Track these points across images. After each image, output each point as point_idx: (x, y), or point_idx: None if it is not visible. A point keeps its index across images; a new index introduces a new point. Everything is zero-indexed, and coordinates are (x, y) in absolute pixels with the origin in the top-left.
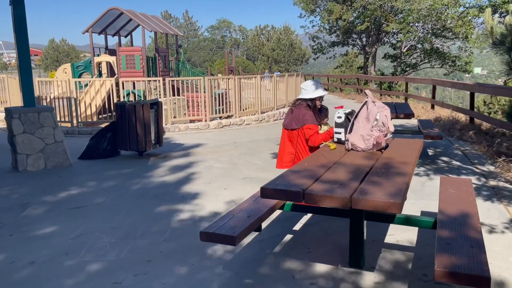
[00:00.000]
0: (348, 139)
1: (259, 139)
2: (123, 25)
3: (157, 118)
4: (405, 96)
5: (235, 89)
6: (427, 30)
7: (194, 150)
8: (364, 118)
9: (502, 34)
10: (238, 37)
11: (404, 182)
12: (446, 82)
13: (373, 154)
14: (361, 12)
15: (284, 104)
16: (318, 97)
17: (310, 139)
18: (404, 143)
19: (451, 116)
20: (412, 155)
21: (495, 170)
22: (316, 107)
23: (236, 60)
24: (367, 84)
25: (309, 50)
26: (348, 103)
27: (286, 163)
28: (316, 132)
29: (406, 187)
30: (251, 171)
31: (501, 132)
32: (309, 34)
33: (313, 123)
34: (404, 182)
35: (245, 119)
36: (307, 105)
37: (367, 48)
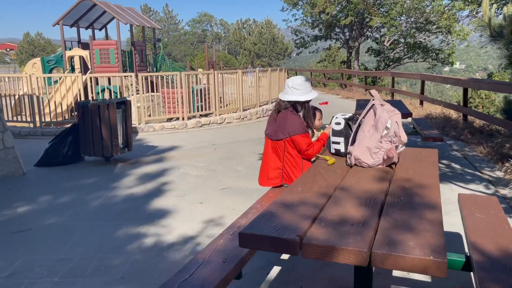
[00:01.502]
0: (350, 152)
1: (241, 139)
2: (97, 17)
3: (125, 119)
4: (391, 92)
5: (215, 85)
6: (411, 24)
7: (169, 153)
8: (371, 126)
9: (501, 26)
10: (220, 31)
11: (439, 222)
12: (436, 77)
13: (384, 171)
14: (345, 6)
15: (268, 101)
16: (310, 100)
17: (306, 152)
18: (416, 155)
19: (442, 113)
20: (433, 173)
21: (504, 176)
22: (309, 111)
23: (217, 54)
24: (351, 79)
25: (291, 45)
26: (332, 99)
27: (273, 180)
28: (310, 142)
29: (443, 230)
30: (231, 179)
31: (495, 129)
32: (292, 28)
33: (305, 131)
34: (439, 221)
35: (225, 117)
36: (295, 109)
37: (350, 43)
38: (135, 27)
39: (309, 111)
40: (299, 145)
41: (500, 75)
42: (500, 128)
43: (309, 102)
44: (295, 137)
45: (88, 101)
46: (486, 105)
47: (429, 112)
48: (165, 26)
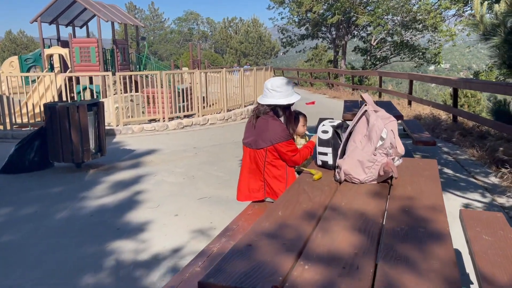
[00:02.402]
0: (339, 166)
1: (224, 142)
2: (77, 14)
3: (97, 121)
4: (379, 91)
5: (198, 84)
6: (397, 22)
7: (146, 158)
8: (364, 136)
9: (493, 24)
10: (206, 30)
11: (451, 260)
12: (425, 77)
13: (378, 189)
14: (332, 4)
15: (253, 101)
16: (292, 103)
17: (293, 159)
18: (413, 167)
19: (431, 114)
20: (435, 190)
21: (500, 183)
22: (292, 116)
23: (204, 53)
24: (338, 78)
25: (278, 43)
26: (319, 98)
27: (255, 193)
28: (296, 148)
29: (457, 271)
30: (211, 187)
31: (485, 130)
32: (278, 27)
33: (288, 137)
34: (450, 259)
35: (209, 118)
36: (275, 114)
37: (337, 41)
38: (118, 25)
39: (291, 116)
40: (284, 154)
41: (486, 74)
42: (491, 130)
43: (291, 106)
44: (278, 145)
45: (56, 103)
46: (472, 104)
47: (418, 113)
48: (151, 25)
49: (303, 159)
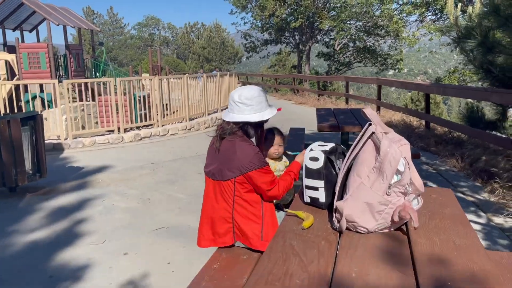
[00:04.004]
0: (339, 210)
1: (186, 155)
2: (25, 17)
3: (35, 138)
4: (345, 97)
5: (156, 91)
6: (360, 27)
7: (95, 177)
8: (373, 168)
9: (468, 27)
10: (168, 35)
11: None
12: (394, 82)
13: (395, 243)
14: (295, 9)
15: (217, 108)
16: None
17: (269, 194)
18: (427, 200)
19: (403, 120)
20: (473, 241)
21: (490, 197)
22: (263, 134)
23: (165, 58)
24: (302, 83)
25: (241, 49)
26: (285, 105)
27: (221, 237)
28: (273, 178)
29: None
30: (169, 213)
31: (457, 136)
32: (241, 32)
33: (263, 164)
34: None
35: (169, 128)
36: (246, 134)
37: (301, 46)
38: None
39: (262, 135)
40: (258, 185)
41: (448, 79)
42: (464, 136)
43: (263, 123)
44: (250, 174)
45: None
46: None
47: (389, 120)
48: (110, 30)
49: (285, 191)
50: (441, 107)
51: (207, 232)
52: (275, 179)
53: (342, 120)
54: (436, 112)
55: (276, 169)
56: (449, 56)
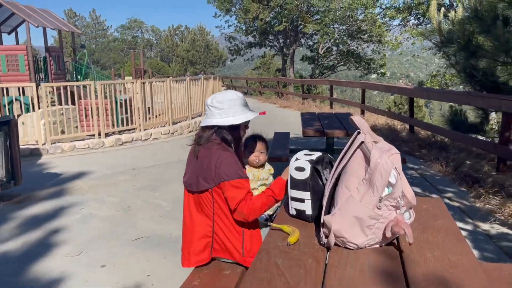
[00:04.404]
0: (327, 225)
1: (168, 161)
2: (4, 19)
3: (9, 144)
4: (330, 101)
5: (138, 94)
6: (343, 31)
7: (74, 184)
8: (362, 180)
9: (451, 31)
10: (151, 38)
11: None
12: (379, 86)
13: (387, 261)
14: (278, 12)
15: (201, 112)
16: (244, 123)
17: (239, 209)
18: (418, 212)
19: (387, 124)
20: (468, 258)
21: (476, 203)
22: (240, 140)
23: (149, 61)
24: (286, 87)
25: (226, 52)
26: (270, 108)
27: (198, 255)
28: (248, 193)
29: None
30: (150, 221)
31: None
32: (226, 35)
33: (239, 175)
34: None
35: (152, 132)
36: (224, 140)
37: (285, 50)
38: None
39: (239, 141)
40: (231, 199)
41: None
42: (447, 140)
43: (239, 128)
44: (221, 184)
45: None
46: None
47: (373, 123)
48: (93, 32)
49: (255, 213)
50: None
51: (188, 248)
52: (245, 197)
53: (327, 124)
54: (419, 115)
55: (260, 177)
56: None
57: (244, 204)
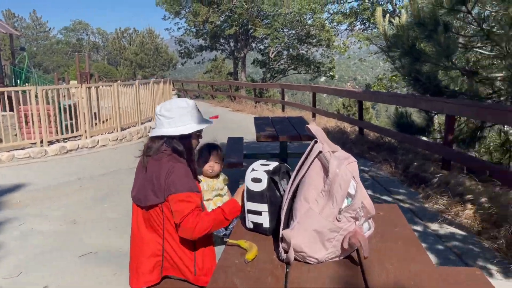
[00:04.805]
0: (286, 240)
1: (118, 168)
2: None
3: None
4: (282, 104)
5: (83, 99)
6: (293, 36)
7: (11, 197)
8: (321, 191)
9: (395, 36)
10: (97, 40)
11: None
12: (328, 89)
13: (348, 275)
14: (229, 16)
15: (151, 117)
16: (196, 133)
17: (183, 225)
18: (379, 222)
19: (337, 127)
20: (428, 267)
21: (426, 204)
22: (192, 150)
23: (95, 65)
24: (239, 90)
25: (176, 55)
26: (222, 112)
27: (146, 275)
28: (195, 208)
29: None
30: (99, 235)
31: (389, 141)
32: (175, 38)
33: (189, 188)
34: None
35: (99, 139)
36: (175, 151)
37: (236, 53)
38: None
39: (190, 151)
40: (174, 213)
41: (377, 86)
42: (395, 141)
43: (191, 138)
44: (169, 197)
45: None
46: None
47: (324, 126)
48: (33, 34)
49: (204, 231)
50: (370, 112)
51: (136, 267)
52: (192, 212)
53: (280, 129)
54: (366, 116)
55: (215, 188)
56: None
57: (189, 219)
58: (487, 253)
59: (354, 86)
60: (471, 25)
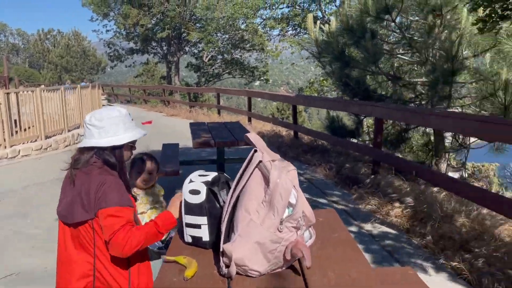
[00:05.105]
0: (227, 254)
1: (42, 181)
2: None
3: None
4: (218, 109)
5: (3, 105)
6: (227, 40)
7: None
8: (262, 202)
9: (326, 42)
10: (17, 42)
11: None
12: (264, 94)
13: (287, 281)
14: (160, 19)
15: (79, 124)
16: (129, 143)
17: (113, 241)
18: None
19: (273, 131)
20: (366, 271)
21: (358, 205)
22: (123, 162)
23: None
24: (173, 95)
25: (105, 58)
26: (156, 117)
27: None
28: (127, 223)
29: None
30: (21, 254)
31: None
32: (104, 40)
33: (120, 202)
34: None
35: (20, 148)
36: (106, 163)
37: (169, 57)
38: None
39: (122, 164)
40: (103, 229)
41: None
42: (328, 144)
43: (122, 149)
44: (98, 212)
45: None
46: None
47: (260, 130)
48: None
49: (135, 247)
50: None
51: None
52: (122, 228)
53: (217, 135)
54: (300, 120)
55: (149, 200)
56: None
57: (119, 235)
58: (416, 250)
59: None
60: (395, 33)
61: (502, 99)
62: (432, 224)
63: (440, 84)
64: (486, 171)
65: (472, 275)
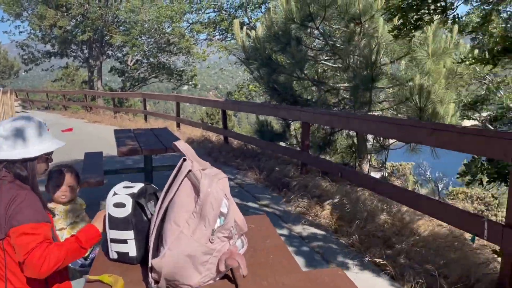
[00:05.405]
0: (156, 269)
1: None
2: None
3: None
4: (144, 114)
5: None
6: (153, 44)
7: None
8: (192, 213)
9: (253, 48)
10: None
11: None
12: (192, 99)
13: None
14: (80, 21)
15: None
16: (44, 155)
17: (28, 261)
18: (250, 236)
19: (203, 136)
20: (299, 277)
21: (289, 208)
22: (34, 176)
23: None
24: (95, 100)
25: (18, 61)
26: (77, 124)
27: None
28: (44, 240)
29: None
30: None
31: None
32: (17, 42)
33: (35, 219)
34: None
35: None
36: (18, 177)
37: (91, 61)
38: None
39: (34, 178)
40: (16, 249)
41: (238, 94)
42: (257, 148)
43: (35, 162)
44: (10, 231)
45: None
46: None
47: (189, 136)
48: None
49: (54, 266)
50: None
51: None
52: (38, 247)
53: (144, 142)
54: (229, 124)
55: (69, 215)
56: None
57: (35, 254)
58: (344, 249)
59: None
60: (319, 40)
61: (417, 102)
62: (358, 223)
63: (360, 91)
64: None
65: (395, 270)
